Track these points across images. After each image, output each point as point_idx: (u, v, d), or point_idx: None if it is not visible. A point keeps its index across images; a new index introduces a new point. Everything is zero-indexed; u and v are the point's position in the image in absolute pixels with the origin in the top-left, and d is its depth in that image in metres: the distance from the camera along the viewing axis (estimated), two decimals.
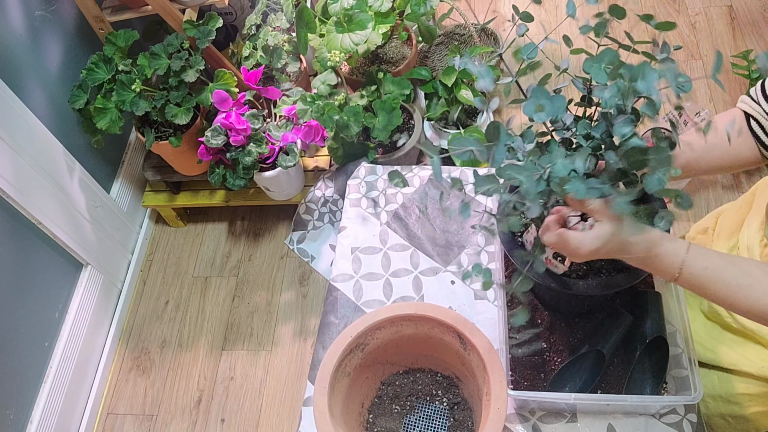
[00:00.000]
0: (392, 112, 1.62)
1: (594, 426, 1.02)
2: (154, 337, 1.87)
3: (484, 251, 1.26)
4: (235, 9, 1.99)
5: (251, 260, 1.97)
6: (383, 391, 1.10)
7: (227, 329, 1.85)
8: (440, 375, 1.11)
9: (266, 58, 1.75)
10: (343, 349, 0.96)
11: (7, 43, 1.48)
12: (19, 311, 1.50)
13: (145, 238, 2.04)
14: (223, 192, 1.92)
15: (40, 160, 1.53)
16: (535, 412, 1.05)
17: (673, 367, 1.02)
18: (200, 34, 1.58)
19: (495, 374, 0.90)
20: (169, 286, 1.96)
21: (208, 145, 1.57)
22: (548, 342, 1.08)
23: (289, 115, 1.64)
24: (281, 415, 1.70)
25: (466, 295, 1.20)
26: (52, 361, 1.60)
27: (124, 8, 1.65)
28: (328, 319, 1.21)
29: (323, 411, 0.90)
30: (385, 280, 1.24)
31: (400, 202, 1.35)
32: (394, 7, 1.71)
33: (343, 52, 1.52)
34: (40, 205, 1.52)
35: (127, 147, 2.02)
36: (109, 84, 1.61)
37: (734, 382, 1.04)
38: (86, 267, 1.75)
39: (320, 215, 1.82)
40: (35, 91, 1.57)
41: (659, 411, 1.02)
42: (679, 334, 1.01)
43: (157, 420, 1.73)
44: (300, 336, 1.81)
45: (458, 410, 1.07)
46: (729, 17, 2.33)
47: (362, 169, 1.44)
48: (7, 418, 1.45)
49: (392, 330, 1.01)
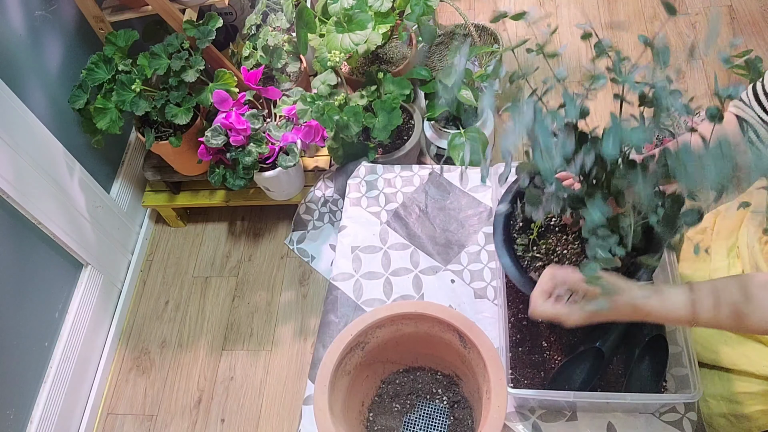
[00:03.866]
0: (392, 112, 1.62)
1: (594, 424, 1.02)
2: (154, 337, 1.87)
3: (484, 250, 1.26)
4: (235, 9, 1.99)
5: (251, 260, 1.97)
6: (383, 389, 1.11)
7: (227, 329, 1.85)
8: (440, 373, 1.11)
9: (266, 58, 1.75)
10: (343, 347, 0.96)
11: (7, 43, 1.48)
12: (19, 311, 1.50)
13: (145, 238, 2.04)
14: (223, 192, 1.93)
15: (40, 160, 1.53)
16: (535, 410, 1.05)
17: (673, 366, 1.02)
18: (200, 34, 1.59)
19: (495, 373, 0.90)
20: (169, 286, 1.96)
21: (208, 145, 1.58)
22: (548, 341, 1.08)
23: (289, 115, 1.64)
24: (281, 415, 1.70)
25: (466, 294, 1.20)
26: (52, 361, 1.60)
27: (124, 8, 1.65)
28: (328, 318, 1.21)
29: (323, 410, 0.90)
30: (386, 279, 1.24)
31: (400, 202, 1.35)
32: (394, 7, 1.71)
33: (343, 52, 1.52)
34: (40, 205, 1.52)
35: (127, 147, 2.02)
36: (109, 84, 1.61)
37: (735, 381, 1.04)
38: (86, 267, 1.75)
39: (320, 215, 1.82)
40: (35, 91, 1.57)
41: (659, 409, 1.02)
42: (679, 333, 1.02)
43: (157, 420, 1.73)
44: (300, 335, 1.81)
45: (458, 409, 1.07)
46: (729, 17, 2.33)
47: (362, 168, 1.44)
48: (7, 418, 1.45)
49: (392, 329, 1.02)
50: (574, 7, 2.42)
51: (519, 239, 1.01)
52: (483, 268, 1.23)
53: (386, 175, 1.40)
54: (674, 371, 1.02)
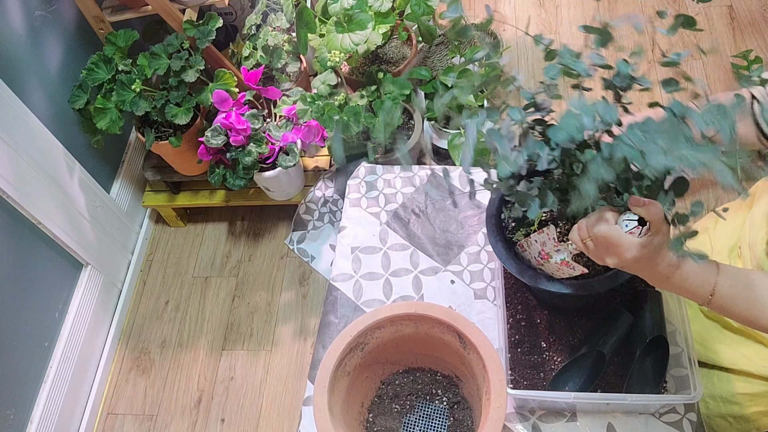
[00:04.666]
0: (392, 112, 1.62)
1: (594, 425, 1.02)
2: (154, 337, 1.87)
3: (483, 251, 1.26)
4: (235, 9, 1.99)
5: (251, 260, 1.97)
6: (383, 390, 1.10)
7: (227, 329, 1.85)
8: (440, 374, 1.11)
9: (266, 58, 1.75)
10: (342, 348, 0.96)
11: (7, 43, 1.48)
12: (19, 311, 1.50)
13: (145, 238, 2.04)
14: (223, 192, 1.93)
15: (40, 160, 1.53)
16: (535, 411, 1.05)
17: (673, 366, 1.02)
18: (200, 34, 1.58)
19: (495, 373, 0.90)
20: (169, 286, 1.96)
21: (208, 145, 1.58)
22: (548, 342, 1.08)
23: (289, 115, 1.64)
24: (281, 415, 1.70)
25: (465, 295, 1.20)
26: (52, 361, 1.60)
27: (124, 8, 1.65)
28: (328, 318, 1.21)
29: (323, 410, 0.90)
30: (385, 279, 1.24)
31: (400, 202, 1.35)
32: (394, 7, 1.71)
33: (343, 52, 1.52)
34: (40, 205, 1.52)
35: (127, 147, 2.02)
36: (109, 84, 1.61)
37: (734, 381, 1.04)
38: (86, 267, 1.75)
39: (320, 215, 1.82)
40: (35, 91, 1.57)
41: (659, 410, 1.02)
42: (679, 334, 1.02)
43: (157, 420, 1.73)
44: (300, 336, 1.81)
45: (458, 409, 1.07)
46: (729, 17, 2.33)
47: (362, 169, 1.44)
48: (7, 418, 1.45)
49: (392, 329, 1.01)
50: (574, 8, 2.41)
51: (515, 236, 1.01)
52: (483, 268, 1.23)
53: (386, 176, 1.40)
54: (674, 372, 1.02)
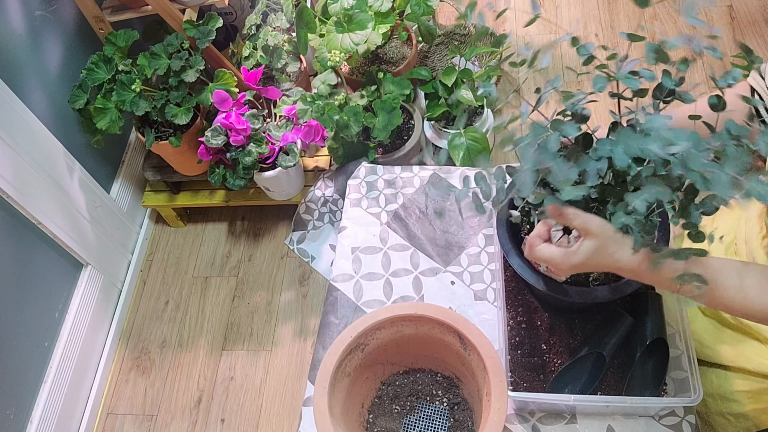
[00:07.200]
0: (392, 112, 1.62)
1: (593, 427, 1.02)
2: (154, 337, 1.87)
3: (484, 252, 1.26)
4: (235, 9, 1.99)
5: (251, 260, 1.97)
6: (383, 391, 1.10)
7: (227, 329, 1.85)
8: (440, 375, 1.11)
9: (266, 58, 1.75)
10: (343, 349, 0.96)
11: (7, 43, 1.48)
12: (19, 311, 1.50)
13: (145, 238, 2.04)
14: (223, 192, 1.92)
15: (40, 160, 1.53)
16: (535, 413, 1.05)
17: (673, 369, 1.02)
18: (200, 34, 1.58)
19: (495, 375, 0.90)
20: (169, 286, 1.96)
21: (208, 145, 1.57)
22: (548, 344, 1.08)
23: (289, 115, 1.64)
24: (281, 415, 1.70)
25: (466, 296, 1.20)
26: (52, 361, 1.60)
27: (124, 8, 1.65)
28: (328, 319, 1.21)
29: (323, 411, 0.90)
30: (385, 280, 1.24)
31: (400, 202, 1.35)
32: (394, 7, 1.70)
33: (343, 52, 1.52)
34: (40, 205, 1.52)
35: (127, 147, 2.02)
36: (109, 84, 1.61)
37: (732, 379, 1.04)
38: (86, 267, 1.75)
39: (320, 215, 1.82)
40: (35, 91, 1.57)
41: (659, 413, 1.02)
42: (679, 336, 1.02)
43: (157, 420, 1.73)
44: (300, 336, 1.81)
45: (458, 410, 1.07)
46: (729, 17, 2.33)
47: (362, 169, 1.44)
48: (7, 418, 1.45)
49: (392, 330, 1.01)
50: (574, 8, 2.41)
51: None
52: (483, 269, 1.23)
53: (386, 176, 1.40)
54: (674, 374, 1.02)
